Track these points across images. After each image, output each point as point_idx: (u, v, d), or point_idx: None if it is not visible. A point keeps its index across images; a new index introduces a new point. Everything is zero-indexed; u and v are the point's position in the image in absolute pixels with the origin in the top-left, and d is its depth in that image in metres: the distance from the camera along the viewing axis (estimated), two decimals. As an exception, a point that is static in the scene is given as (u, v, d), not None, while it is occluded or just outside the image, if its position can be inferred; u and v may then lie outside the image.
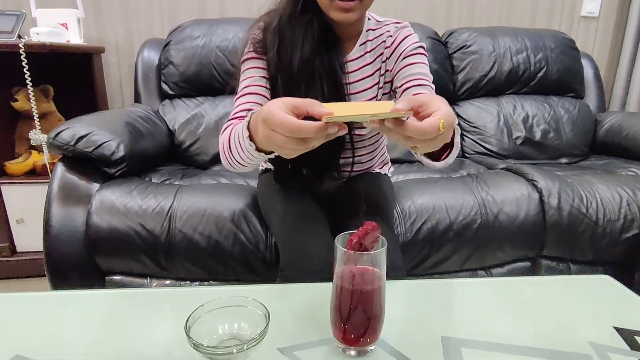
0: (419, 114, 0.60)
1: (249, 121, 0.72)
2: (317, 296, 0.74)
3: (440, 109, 0.58)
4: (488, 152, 1.89)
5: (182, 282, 1.22)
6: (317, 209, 1.02)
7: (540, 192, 1.33)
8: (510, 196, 1.32)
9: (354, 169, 1.09)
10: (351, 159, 1.05)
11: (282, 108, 0.58)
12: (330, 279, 0.92)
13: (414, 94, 0.89)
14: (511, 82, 1.99)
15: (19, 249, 1.81)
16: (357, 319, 0.59)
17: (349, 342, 0.60)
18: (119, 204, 1.18)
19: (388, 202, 1.10)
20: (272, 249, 1.17)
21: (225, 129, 0.87)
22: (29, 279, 1.77)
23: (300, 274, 0.87)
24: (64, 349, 0.60)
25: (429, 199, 1.30)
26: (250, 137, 0.72)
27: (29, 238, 1.79)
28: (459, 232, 1.25)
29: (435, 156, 0.78)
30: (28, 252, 1.80)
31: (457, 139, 0.75)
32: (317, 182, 1.05)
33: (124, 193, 1.21)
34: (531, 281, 0.81)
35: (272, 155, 0.76)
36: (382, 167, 1.22)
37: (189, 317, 0.59)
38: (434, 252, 1.25)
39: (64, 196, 1.22)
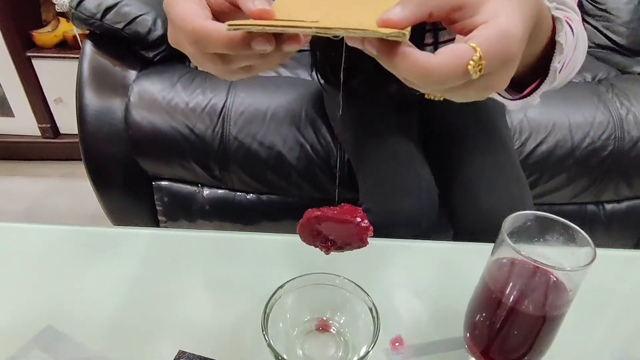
0: (454, 24, 0.29)
1: None
2: (426, 265, 0.54)
3: (491, 23, 0.27)
4: (614, 46, 1.46)
5: (238, 194, 1.06)
6: (405, 128, 0.76)
7: (703, 114, 0.99)
8: (657, 115, 1.00)
9: None
10: (432, 41, 0.71)
11: None
12: (429, 231, 0.71)
13: None
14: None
15: (62, 131, 1.70)
16: (513, 344, 0.39)
17: (494, 361, 0.41)
18: (161, 99, 0.96)
19: (501, 120, 0.82)
20: (345, 167, 0.96)
21: None
22: (74, 162, 1.70)
23: (390, 220, 0.67)
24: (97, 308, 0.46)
25: (547, 113, 1.00)
26: None
27: (71, 120, 1.66)
28: (581, 159, 0.98)
29: (517, 83, 0.42)
30: (72, 134, 1.69)
31: (556, 64, 0.38)
32: (386, 85, 0.76)
33: (166, 85, 0.98)
34: None
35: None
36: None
37: (267, 306, 0.41)
38: (543, 181, 1.00)
39: (97, 83, 1.01)
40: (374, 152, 0.73)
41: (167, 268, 0.52)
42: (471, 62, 0.25)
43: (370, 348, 0.39)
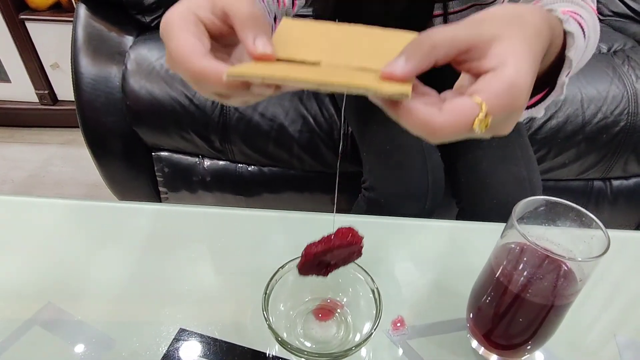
0: (461, 64, 0.28)
1: None
2: (431, 244, 0.53)
3: (498, 74, 0.25)
4: (632, 15, 1.39)
5: (239, 165, 1.04)
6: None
7: None
8: (674, 90, 0.96)
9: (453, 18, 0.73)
10: (442, 12, 0.66)
11: (187, 20, 0.29)
12: (434, 209, 0.70)
13: None
14: None
15: (60, 97, 1.67)
16: (516, 330, 0.39)
17: (494, 346, 0.41)
18: (159, 67, 0.93)
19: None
20: (348, 139, 0.94)
21: None
22: (74, 130, 1.68)
23: (394, 197, 0.65)
24: (101, 287, 0.45)
25: (558, 86, 0.96)
26: None
27: (69, 86, 1.63)
28: (591, 135, 0.95)
29: None
30: (70, 101, 1.66)
31: (564, 78, 0.36)
32: None
33: (164, 52, 0.94)
34: None
35: None
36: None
37: (267, 286, 0.41)
38: (550, 157, 0.98)
39: (93, 49, 0.97)
40: (379, 127, 0.70)
41: (169, 245, 0.52)
42: (477, 120, 0.25)
43: (373, 330, 0.38)
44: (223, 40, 0.31)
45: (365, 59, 0.28)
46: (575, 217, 0.36)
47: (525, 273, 0.36)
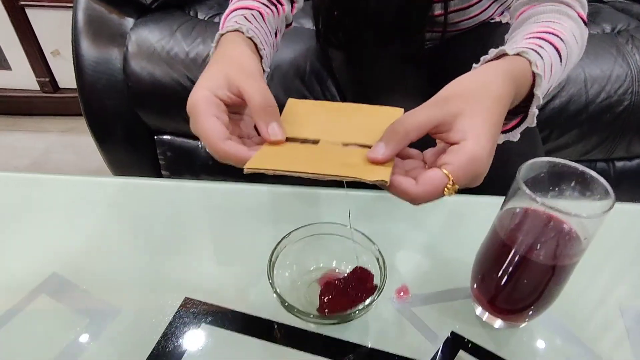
0: (434, 135, 0.35)
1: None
2: (434, 216, 0.53)
3: (461, 148, 0.32)
4: (636, -4, 1.38)
5: (241, 148, 1.04)
6: (411, 87, 0.75)
7: None
8: (678, 69, 0.95)
9: (452, 29, 0.74)
10: (442, 12, 0.69)
11: (210, 102, 0.36)
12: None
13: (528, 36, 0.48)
14: None
15: (61, 85, 1.66)
16: (521, 293, 0.39)
17: (498, 312, 0.41)
18: (160, 48, 0.93)
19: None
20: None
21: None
22: (76, 118, 1.67)
23: None
24: (105, 263, 0.46)
25: (562, 66, 0.96)
26: None
27: (69, 73, 1.62)
28: (595, 114, 0.95)
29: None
30: (71, 88, 1.66)
31: (534, 109, 0.42)
32: (389, 45, 0.74)
33: (165, 34, 0.94)
34: None
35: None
36: (502, 14, 0.86)
37: (272, 254, 0.41)
38: (553, 138, 0.98)
39: (93, 32, 0.97)
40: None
41: (174, 217, 0.52)
42: (445, 189, 0.31)
43: (376, 297, 0.38)
44: (238, 108, 0.39)
45: (357, 134, 0.36)
46: (580, 179, 0.36)
47: (529, 235, 0.36)
